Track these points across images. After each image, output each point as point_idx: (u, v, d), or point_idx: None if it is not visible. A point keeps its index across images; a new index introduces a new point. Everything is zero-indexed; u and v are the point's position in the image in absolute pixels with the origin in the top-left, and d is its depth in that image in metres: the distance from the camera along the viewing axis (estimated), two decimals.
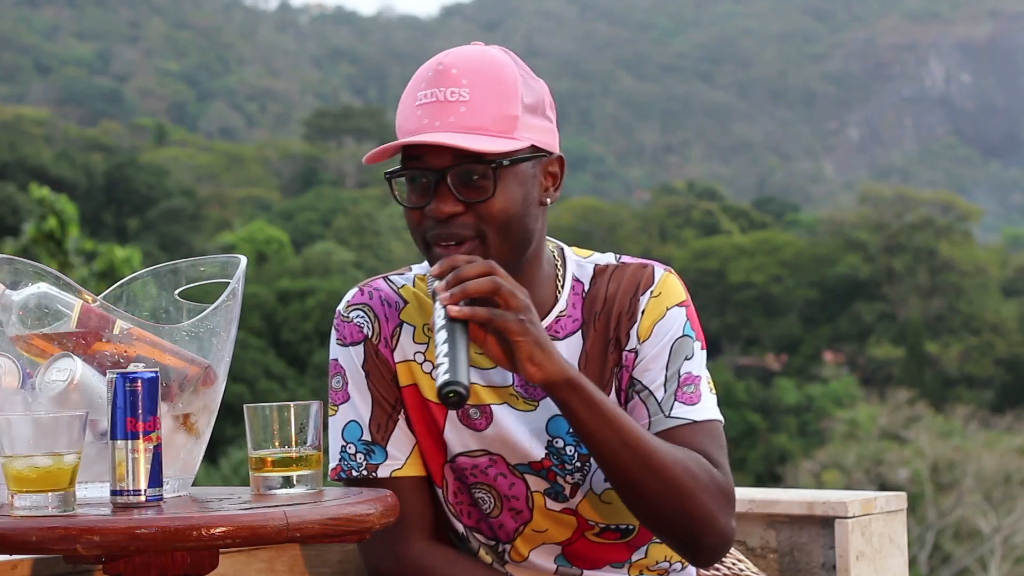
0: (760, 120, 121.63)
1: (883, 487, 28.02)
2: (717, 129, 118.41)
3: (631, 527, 2.40)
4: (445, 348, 2.08)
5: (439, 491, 2.41)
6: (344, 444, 2.40)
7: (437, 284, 2.16)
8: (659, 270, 2.40)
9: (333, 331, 2.45)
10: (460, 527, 2.42)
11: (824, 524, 3.00)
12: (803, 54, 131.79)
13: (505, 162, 2.24)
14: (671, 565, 2.47)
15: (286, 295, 39.92)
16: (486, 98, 2.24)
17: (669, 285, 2.39)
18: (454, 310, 2.11)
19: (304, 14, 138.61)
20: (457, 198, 2.24)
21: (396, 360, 2.40)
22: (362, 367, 2.41)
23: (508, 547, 2.40)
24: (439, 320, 2.12)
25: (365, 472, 2.38)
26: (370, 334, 2.41)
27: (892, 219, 53.35)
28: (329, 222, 52.76)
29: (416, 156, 2.26)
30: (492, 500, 2.38)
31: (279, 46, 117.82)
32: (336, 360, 2.43)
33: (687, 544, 2.28)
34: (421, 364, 2.40)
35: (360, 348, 2.41)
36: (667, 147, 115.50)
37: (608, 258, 2.43)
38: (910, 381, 41.39)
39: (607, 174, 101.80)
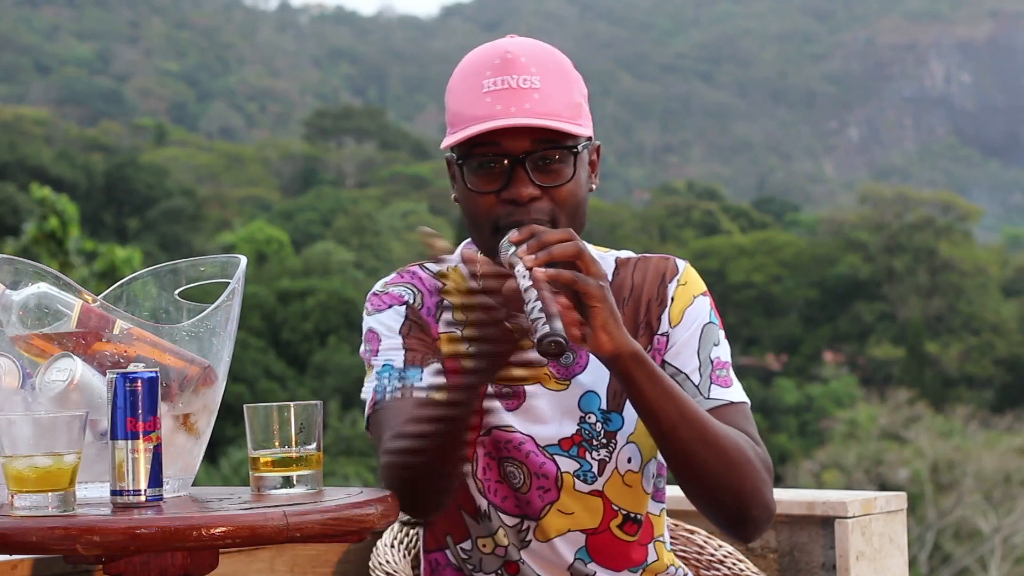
0: (760, 120, 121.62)
1: (883, 487, 28.02)
2: (717, 129, 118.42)
3: (640, 517, 2.43)
4: (539, 304, 2.09)
5: (468, 465, 2.41)
6: (380, 381, 2.38)
7: (517, 250, 2.19)
8: (680, 262, 2.49)
9: (366, 308, 2.46)
10: (484, 503, 2.42)
11: (824, 524, 3.00)
12: (803, 54, 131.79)
13: (581, 147, 2.32)
14: (677, 571, 2.50)
15: (286, 295, 39.88)
16: (555, 85, 2.31)
17: (692, 276, 2.48)
18: (540, 272, 2.14)
19: (304, 14, 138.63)
20: (534, 183, 2.28)
21: (441, 330, 2.43)
22: (399, 329, 2.41)
23: (534, 524, 2.40)
24: (524, 281, 2.13)
25: (399, 393, 2.35)
26: (412, 302, 2.43)
27: (892, 219, 53.34)
28: (329, 222, 52.72)
29: (490, 142, 2.29)
30: (522, 476, 2.40)
31: (279, 46, 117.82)
32: (370, 329, 2.43)
33: (735, 517, 2.31)
34: (461, 339, 2.41)
35: (401, 310, 2.42)
36: (667, 147, 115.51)
37: (627, 252, 2.52)
38: (910, 381, 41.38)
39: (607, 174, 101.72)
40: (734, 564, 2.77)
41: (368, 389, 2.41)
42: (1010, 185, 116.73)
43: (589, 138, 2.36)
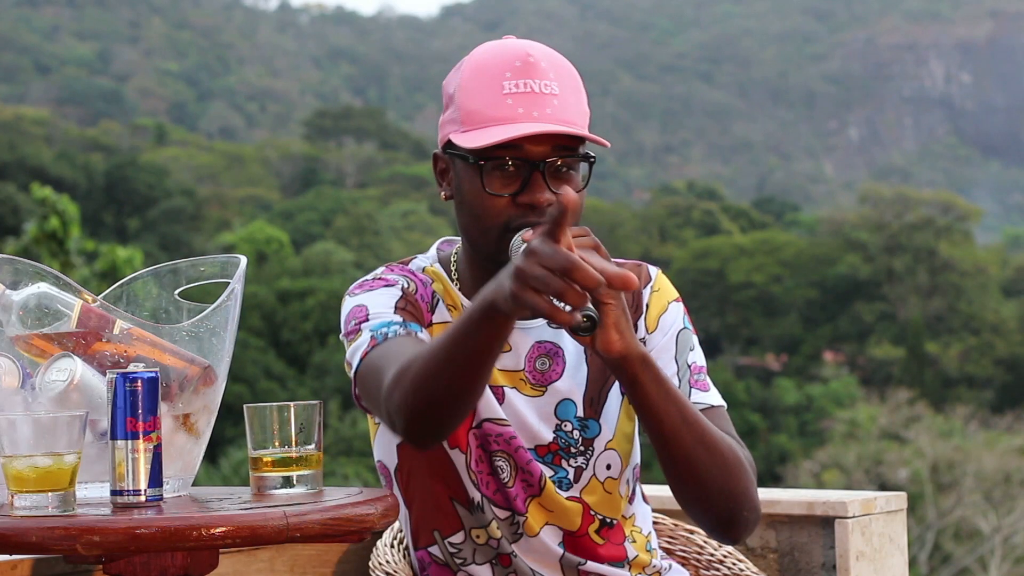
0: (760, 120, 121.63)
1: (883, 487, 28.04)
2: (717, 129, 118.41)
3: (615, 521, 2.45)
4: None
5: (462, 457, 2.41)
6: (376, 329, 2.28)
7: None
8: (653, 269, 2.52)
9: (350, 293, 2.38)
10: (477, 496, 2.42)
11: (824, 524, 3.00)
12: (803, 54, 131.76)
13: (593, 155, 2.35)
14: (663, 564, 2.53)
15: (286, 295, 39.90)
16: (571, 93, 2.34)
17: (664, 282, 2.51)
18: None
19: (304, 14, 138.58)
20: (550, 188, 2.30)
21: (435, 320, 2.40)
22: (394, 304, 2.33)
23: (523, 519, 2.42)
24: None
25: (402, 331, 2.27)
26: (407, 287, 2.38)
27: (892, 219, 53.34)
28: (329, 222, 52.74)
29: (512, 146, 2.29)
30: (509, 469, 2.41)
31: (279, 46, 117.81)
32: (357, 305, 2.34)
33: (726, 518, 2.33)
34: None
35: (394, 290, 2.36)
36: (667, 147, 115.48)
37: None
38: (910, 381, 41.38)
39: (607, 174, 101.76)
40: (734, 564, 2.77)
41: (356, 345, 2.28)
42: (1010, 185, 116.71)
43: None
